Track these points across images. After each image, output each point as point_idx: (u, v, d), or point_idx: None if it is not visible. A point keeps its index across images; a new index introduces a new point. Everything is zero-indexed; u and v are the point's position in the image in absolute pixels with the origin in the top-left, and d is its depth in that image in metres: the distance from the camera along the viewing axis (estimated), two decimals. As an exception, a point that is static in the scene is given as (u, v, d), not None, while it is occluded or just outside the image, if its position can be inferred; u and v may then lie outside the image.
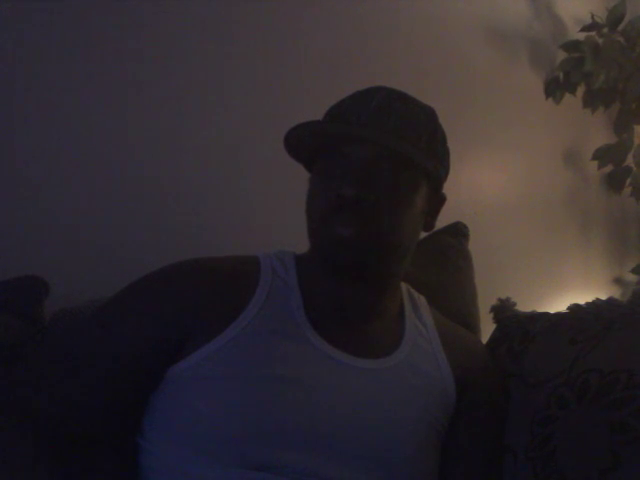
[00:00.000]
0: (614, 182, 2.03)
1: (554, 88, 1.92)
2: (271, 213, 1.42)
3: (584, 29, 1.89)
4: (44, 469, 0.78)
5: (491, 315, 1.16)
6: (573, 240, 2.01)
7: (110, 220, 1.27)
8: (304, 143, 0.88)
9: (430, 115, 0.91)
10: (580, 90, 1.94)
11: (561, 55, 1.93)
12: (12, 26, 1.19)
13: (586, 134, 2.03)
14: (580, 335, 0.95)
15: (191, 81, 1.38)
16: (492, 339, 1.12)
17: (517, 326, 1.08)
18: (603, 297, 1.01)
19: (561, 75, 1.92)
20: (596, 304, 1.00)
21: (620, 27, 1.88)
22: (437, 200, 0.94)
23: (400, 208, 0.85)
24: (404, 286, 1.00)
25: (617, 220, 2.11)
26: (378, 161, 0.84)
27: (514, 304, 1.16)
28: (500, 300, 1.16)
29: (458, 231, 1.31)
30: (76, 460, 0.86)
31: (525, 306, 1.16)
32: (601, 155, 1.98)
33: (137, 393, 0.87)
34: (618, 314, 0.94)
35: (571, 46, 1.91)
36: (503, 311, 1.14)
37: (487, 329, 1.17)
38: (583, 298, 1.03)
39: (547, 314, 1.07)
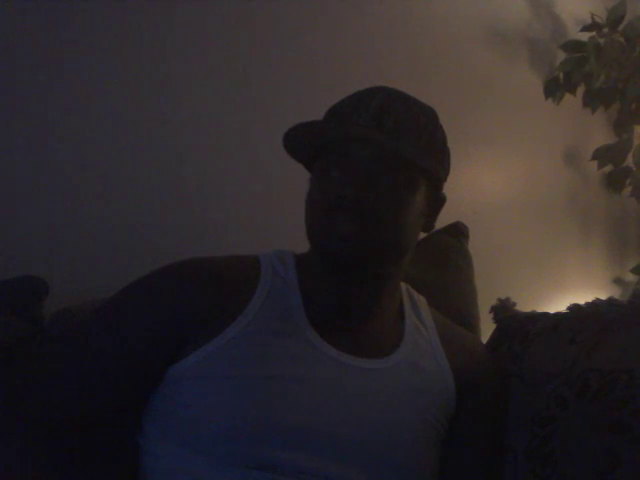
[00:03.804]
0: (614, 182, 2.02)
1: (554, 88, 1.92)
2: (271, 213, 1.42)
3: (584, 29, 1.89)
4: (44, 469, 0.78)
5: (491, 315, 1.15)
6: (573, 240, 2.01)
7: (110, 220, 1.27)
8: (304, 143, 0.88)
9: (430, 115, 0.90)
10: (580, 90, 1.94)
11: (561, 55, 1.93)
12: (12, 27, 1.19)
13: (586, 134, 2.03)
14: (580, 335, 0.95)
15: (190, 81, 1.38)
16: (492, 339, 1.12)
17: (517, 326, 1.07)
18: (603, 297, 1.01)
19: (561, 75, 1.91)
20: (596, 304, 1.00)
21: (620, 27, 1.88)
22: (437, 201, 0.94)
23: (399, 208, 0.85)
24: (404, 286, 1.00)
25: (617, 220, 2.11)
26: (377, 161, 0.83)
27: (514, 304, 1.16)
28: (500, 300, 1.16)
29: (458, 231, 1.31)
30: (76, 460, 0.86)
31: (525, 306, 1.16)
32: (601, 155, 1.97)
33: (137, 392, 0.87)
34: (618, 314, 0.94)
35: (571, 46, 1.91)
36: (503, 311, 1.14)
37: (487, 329, 1.17)
38: (583, 298, 1.03)
39: (547, 314, 1.07)
